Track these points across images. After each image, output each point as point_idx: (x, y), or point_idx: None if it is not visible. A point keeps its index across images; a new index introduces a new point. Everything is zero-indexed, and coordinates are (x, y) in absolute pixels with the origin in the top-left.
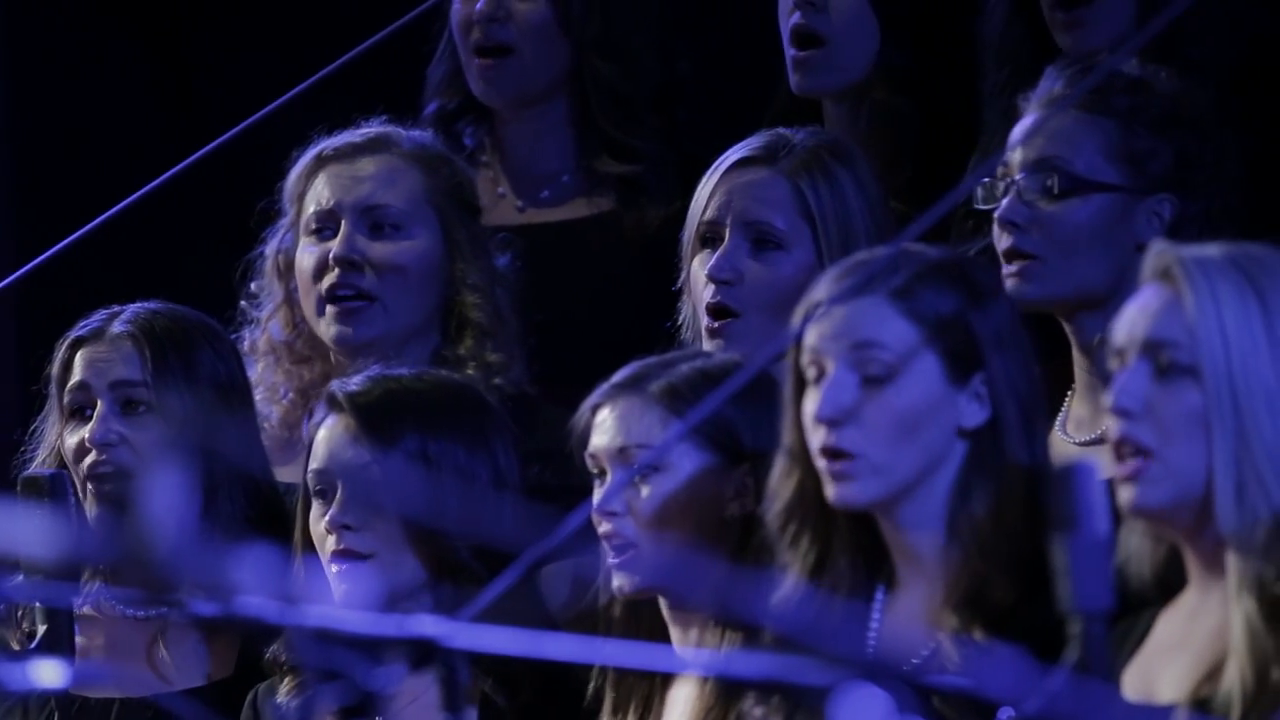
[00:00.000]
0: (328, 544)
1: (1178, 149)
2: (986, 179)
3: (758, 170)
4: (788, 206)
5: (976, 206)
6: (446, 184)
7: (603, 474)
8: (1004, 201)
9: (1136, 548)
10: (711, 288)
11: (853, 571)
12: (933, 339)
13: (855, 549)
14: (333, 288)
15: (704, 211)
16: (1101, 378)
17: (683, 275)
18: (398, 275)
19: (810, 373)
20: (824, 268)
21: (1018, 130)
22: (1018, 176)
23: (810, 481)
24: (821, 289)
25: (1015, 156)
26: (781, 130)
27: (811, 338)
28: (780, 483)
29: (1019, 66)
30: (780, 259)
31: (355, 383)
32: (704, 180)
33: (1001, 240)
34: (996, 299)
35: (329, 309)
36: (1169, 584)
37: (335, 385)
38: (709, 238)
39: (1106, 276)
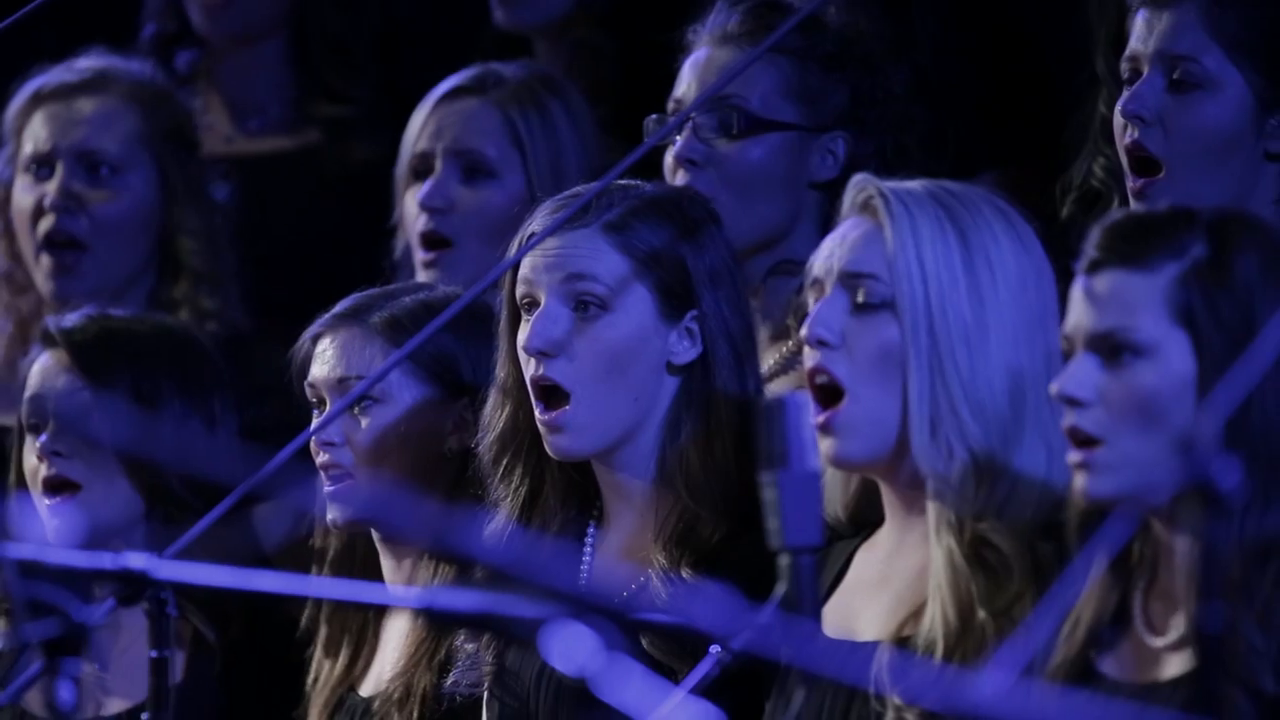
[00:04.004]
0: (39, 473)
1: (851, 86)
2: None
3: (468, 100)
4: (498, 135)
5: (646, 141)
6: (166, 123)
7: (321, 404)
8: (679, 140)
9: (828, 484)
10: (424, 217)
11: (564, 508)
12: (646, 273)
13: (567, 485)
14: (49, 234)
15: (415, 143)
16: (766, 315)
17: (397, 212)
18: (113, 221)
19: (524, 304)
20: (534, 197)
21: (689, 65)
22: (693, 114)
23: (524, 415)
24: (536, 220)
25: (689, 94)
26: (493, 64)
27: (525, 269)
28: (493, 415)
29: None
30: (491, 187)
31: (71, 319)
32: (415, 114)
33: (677, 178)
34: (712, 235)
35: (44, 258)
36: (861, 518)
37: (50, 321)
38: (420, 170)
39: (781, 215)
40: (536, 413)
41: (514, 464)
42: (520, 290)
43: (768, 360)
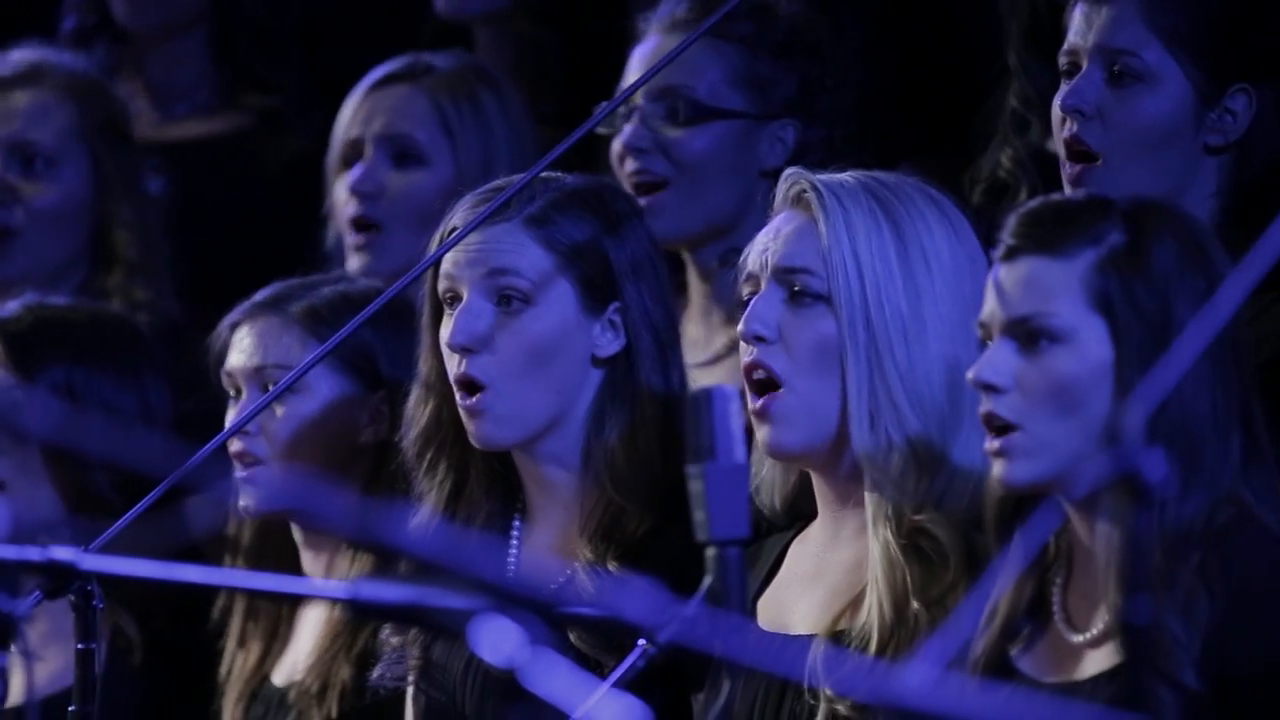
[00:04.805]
0: None
1: (800, 74)
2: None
3: (399, 87)
4: (429, 121)
5: (598, 131)
6: (100, 116)
7: (238, 393)
8: (627, 128)
9: (767, 475)
10: (354, 202)
11: (489, 501)
12: (568, 267)
13: (491, 478)
14: None
15: (346, 131)
16: (717, 300)
17: (328, 201)
18: (48, 212)
19: (446, 299)
20: (463, 185)
21: (638, 54)
22: (641, 103)
23: (447, 409)
24: (457, 215)
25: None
26: (425, 54)
27: (447, 264)
28: (416, 410)
29: None
30: (421, 172)
31: (8, 309)
32: (346, 102)
33: (625, 166)
34: (633, 227)
35: None
36: (797, 510)
37: None
38: (351, 157)
39: (732, 203)
40: (459, 400)
41: (438, 458)
42: (442, 285)
43: (716, 343)
